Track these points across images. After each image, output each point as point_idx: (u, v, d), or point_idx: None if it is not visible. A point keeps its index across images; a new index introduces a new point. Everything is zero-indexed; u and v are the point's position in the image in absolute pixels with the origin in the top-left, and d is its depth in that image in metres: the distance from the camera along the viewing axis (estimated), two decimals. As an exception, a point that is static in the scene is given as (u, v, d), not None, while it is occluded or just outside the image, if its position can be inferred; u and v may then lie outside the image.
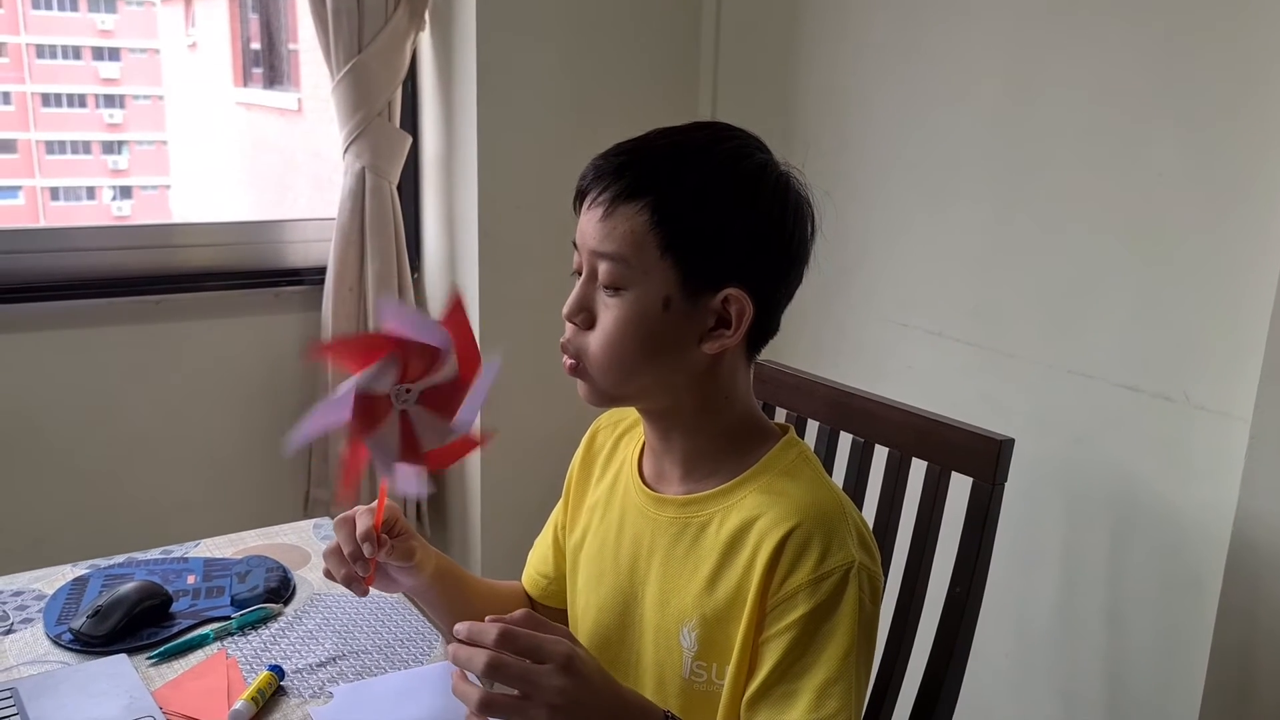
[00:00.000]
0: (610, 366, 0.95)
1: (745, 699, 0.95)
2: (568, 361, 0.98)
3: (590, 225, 0.94)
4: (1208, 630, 1.39)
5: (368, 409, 0.98)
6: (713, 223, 0.91)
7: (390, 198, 2.03)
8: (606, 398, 0.99)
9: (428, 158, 2.15)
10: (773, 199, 0.93)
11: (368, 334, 1.01)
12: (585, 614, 1.12)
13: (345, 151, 2.01)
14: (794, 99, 1.98)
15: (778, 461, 0.99)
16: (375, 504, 1.08)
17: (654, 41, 2.11)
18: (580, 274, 0.97)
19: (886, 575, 1.34)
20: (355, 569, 1.07)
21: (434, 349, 0.98)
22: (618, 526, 1.07)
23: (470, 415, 1.01)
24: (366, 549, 1.04)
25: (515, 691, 0.81)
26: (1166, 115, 1.41)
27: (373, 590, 1.26)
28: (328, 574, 1.08)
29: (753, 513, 0.96)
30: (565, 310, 0.96)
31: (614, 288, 0.93)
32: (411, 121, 2.13)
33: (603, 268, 0.93)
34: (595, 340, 0.95)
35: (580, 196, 0.96)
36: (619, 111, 2.07)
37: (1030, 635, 1.64)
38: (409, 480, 1.08)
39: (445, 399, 1.00)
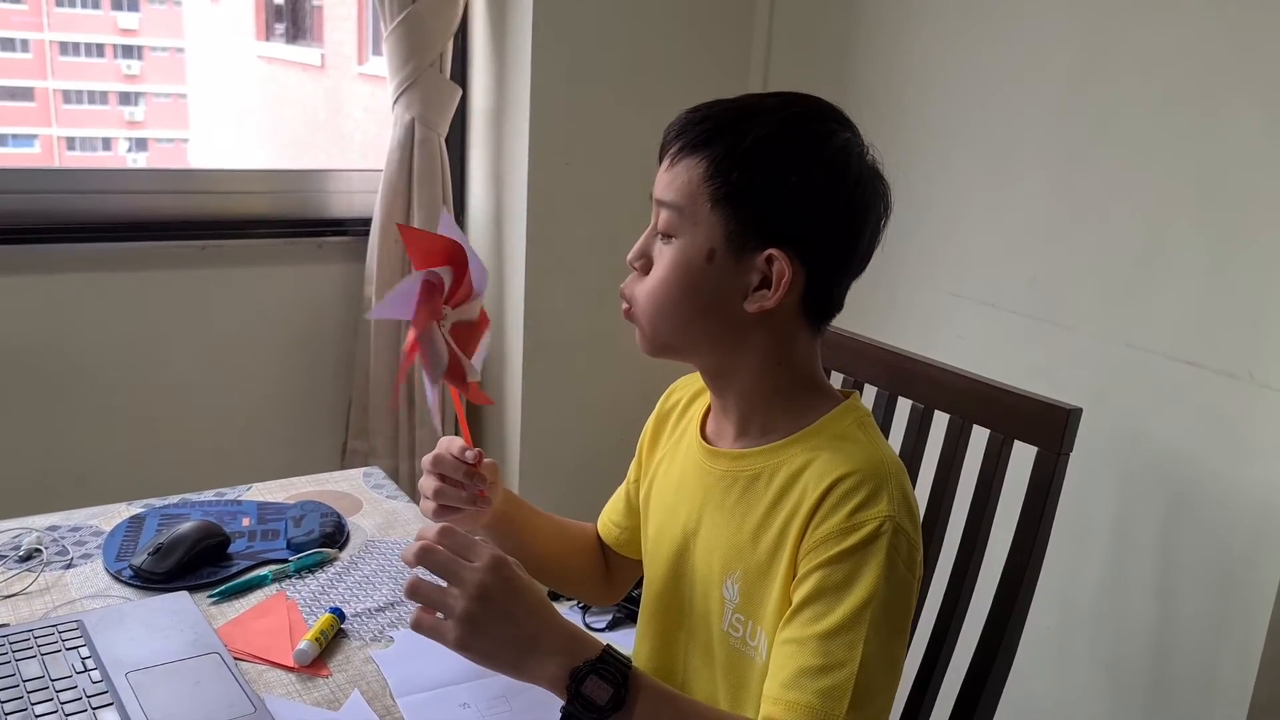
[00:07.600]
0: (654, 311, 0.98)
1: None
2: (623, 306, 1.02)
3: (660, 175, 0.98)
4: (1263, 608, 1.38)
5: (430, 299, 1.01)
6: (764, 181, 0.92)
7: (439, 150, 2.02)
8: (654, 345, 1.01)
9: (475, 111, 2.13)
10: (829, 168, 0.93)
11: (438, 235, 1.05)
12: (650, 565, 1.14)
13: (395, 102, 1.99)
14: (850, 61, 1.95)
15: (835, 423, 0.99)
16: (457, 434, 1.11)
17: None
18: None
19: (942, 541, 1.34)
20: (473, 485, 1.07)
21: (471, 282, 1.03)
22: (678, 480, 1.10)
23: (478, 361, 1.07)
24: (470, 455, 1.06)
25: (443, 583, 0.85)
26: (1245, 86, 1.39)
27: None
28: (439, 511, 1.07)
29: (802, 467, 0.97)
30: (629, 256, 1.00)
31: (667, 235, 0.97)
32: (460, 74, 2.11)
33: (661, 215, 0.97)
34: (645, 285, 0.99)
35: (661, 150, 0.99)
36: (672, 69, 2.05)
37: (1076, 609, 1.64)
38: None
39: (464, 338, 1.05)
